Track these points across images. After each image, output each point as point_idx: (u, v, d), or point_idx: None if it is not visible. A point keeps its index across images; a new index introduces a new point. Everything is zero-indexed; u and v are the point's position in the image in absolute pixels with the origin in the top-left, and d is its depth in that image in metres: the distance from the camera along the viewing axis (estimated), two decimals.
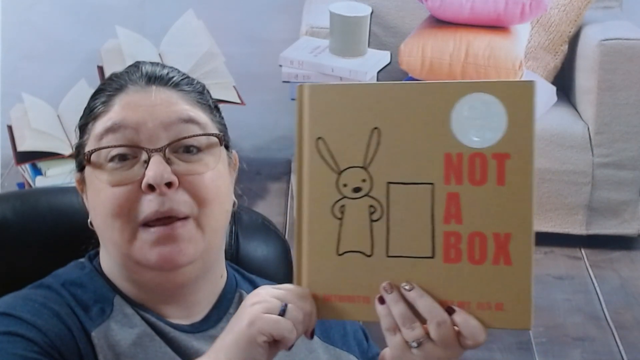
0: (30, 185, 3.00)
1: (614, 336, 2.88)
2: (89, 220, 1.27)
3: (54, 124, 3.07)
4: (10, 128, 3.11)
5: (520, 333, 2.82)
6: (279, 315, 1.09)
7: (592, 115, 3.28)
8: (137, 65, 1.29)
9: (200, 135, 1.23)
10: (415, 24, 3.35)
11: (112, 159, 1.22)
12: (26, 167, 3.04)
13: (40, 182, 2.97)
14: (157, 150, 1.20)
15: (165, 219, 1.20)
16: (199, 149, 1.23)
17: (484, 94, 1.08)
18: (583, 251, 3.29)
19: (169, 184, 1.19)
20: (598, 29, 3.35)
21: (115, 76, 1.29)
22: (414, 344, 1.09)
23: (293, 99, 1.16)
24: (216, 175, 1.24)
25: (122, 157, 1.22)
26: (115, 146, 1.22)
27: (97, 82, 3.15)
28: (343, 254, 1.12)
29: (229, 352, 1.09)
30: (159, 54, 3.21)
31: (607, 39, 3.25)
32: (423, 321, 1.09)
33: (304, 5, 3.55)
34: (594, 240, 3.31)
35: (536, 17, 3.30)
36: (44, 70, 3.56)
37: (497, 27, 3.21)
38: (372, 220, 1.11)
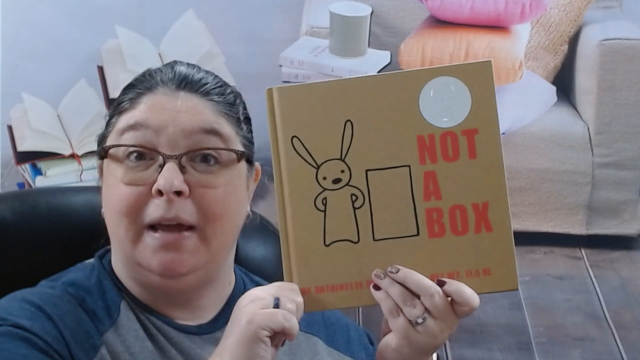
0: (30, 185, 2.99)
1: (614, 336, 2.88)
2: (102, 210, 1.27)
3: (54, 124, 3.07)
4: (10, 128, 3.11)
5: (520, 333, 2.82)
6: (274, 307, 1.10)
7: (592, 115, 3.28)
8: (172, 65, 1.28)
9: (219, 149, 1.23)
10: (415, 24, 3.34)
11: (129, 155, 1.22)
12: (26, 167, 3.04)
13: (40, 182, 2.97)
14: (173, 157, 1.20)
15: (172, 227, 1.20)
16: (217, 161, 1.23)
17: (446, 77, 1.14)
18: (583, 251, 3.28)
19: (178, 192, 1.19)
20: (598, 29, 3.34)
21: (149, 74, 1.28)
22: (420, 320, 1.11)
23: None
24: (229, 191, 1.23)
25: (140, 156, 1.22)
26: (132, 145, 1.22)
27: (97, 82, 3.17)
28: (330, 244, 1.15)
29: (232, 353, 1.09)
30: (159, 54, 3.21)
31: (607, 39, 3.25)
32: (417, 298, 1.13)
33: (304, 5, 3.54)
34: (594, 240, 3.31)
35: (536, 17, 3.30)
36: (44, 70, 3.55)
37: (497, 27, 3.21)
38: (355, 208, 1.15)
